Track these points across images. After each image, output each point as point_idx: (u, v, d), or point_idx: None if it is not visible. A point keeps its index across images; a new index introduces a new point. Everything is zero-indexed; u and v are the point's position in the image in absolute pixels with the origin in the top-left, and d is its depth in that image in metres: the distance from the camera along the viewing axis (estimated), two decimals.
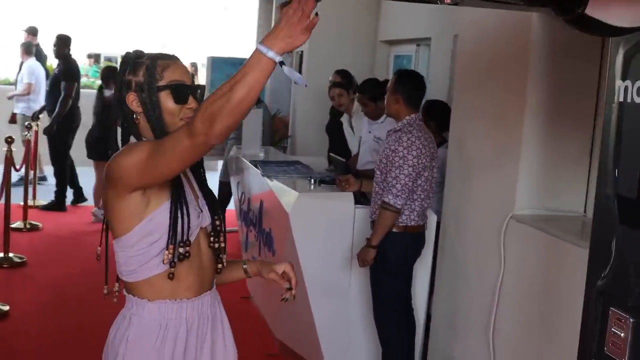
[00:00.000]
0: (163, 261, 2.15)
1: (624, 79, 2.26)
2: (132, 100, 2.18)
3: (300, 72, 8.53)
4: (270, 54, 1.82)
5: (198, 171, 2.32)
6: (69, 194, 9.02)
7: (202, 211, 2.24)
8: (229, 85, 1.84)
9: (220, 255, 2.31)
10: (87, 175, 8.89)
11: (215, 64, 8.34)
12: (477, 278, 4.07)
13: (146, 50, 2.26)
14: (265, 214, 5.04)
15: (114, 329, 2.26)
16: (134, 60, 2.21)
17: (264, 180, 5.01)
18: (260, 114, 6.67)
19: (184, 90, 2.18)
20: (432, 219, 4.48)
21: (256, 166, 5.35)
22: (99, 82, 15.01)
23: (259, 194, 5.31)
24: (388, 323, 4.26)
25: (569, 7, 1.87)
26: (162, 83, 2.16)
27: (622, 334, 2.18)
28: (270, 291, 4.96)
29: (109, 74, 8.11)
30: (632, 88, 2.22)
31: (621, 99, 2.27)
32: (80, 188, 9.13)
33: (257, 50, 1.83)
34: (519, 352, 3.66)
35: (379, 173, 4.23)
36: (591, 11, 1.85)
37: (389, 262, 4.16)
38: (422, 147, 4.10)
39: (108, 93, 7.92)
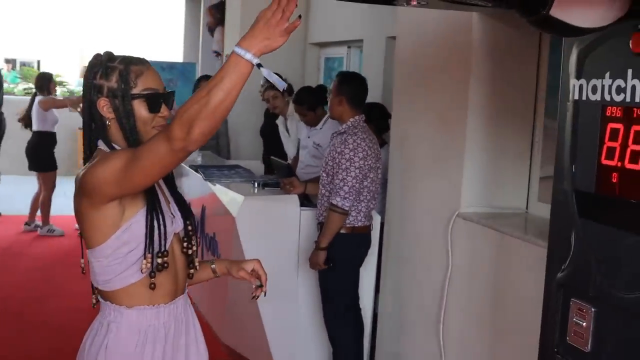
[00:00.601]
0: (141, 270, 2.13)
1: (578, 77, 2.35)
2: (104, 106, 2.14)
3: None
4: (248, 55, 1.80)
5: (168, 175, 2.29)
6: None
7: (174, 216, 2.23)
8: (207, 89, 1.82)
9: (193, 260, 2.30)
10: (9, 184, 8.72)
11: None
12: (424, 276, 4.14)
13: (68, 54, 2.20)
14: (208, 218, 5.02)
15: (90, 336, 2.23)
16: (105, 63, 2.16)
17: (206, 185, 4.98)
18: None
19: (158, 99, 2.16)
20: (377, 219, 4.54)
21: (197, 171, 5.32)
22: (19, 87, 14.67)
23: (200, 198, 5.27)
24: (338, 323, 4.30)
25: (534, 8, 1.93)
26: (136, 91, 2.13)
27: (584, 324, 2.26)
28: (214, 296, 4.94)
29: (43, 82, 8.17)
30: (587, 86, 2.31)
31: (576, 97, 2.35)
32: None
33: (233, 53, 1.82)
34: (468, 348, 3.74)
35: (325, 175, 4.26)
36: (555, 12, 1.91)
37: (338, 263, 4.20)
38: (367, 149, 4.15)
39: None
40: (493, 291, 3.56)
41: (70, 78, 16.83)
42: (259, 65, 1.83)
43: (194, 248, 2.30)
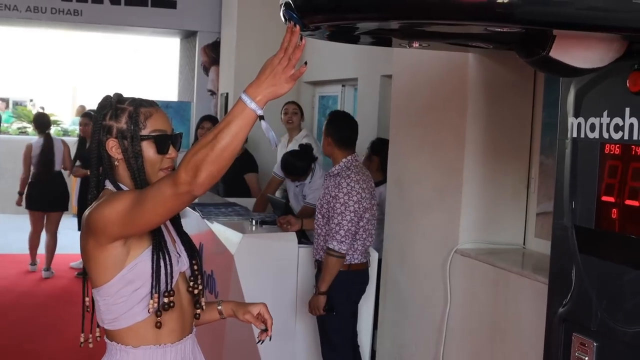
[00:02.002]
0: (148, 310, 2.13)
1: (576, 115, 2.41)
2: (112, 147, 2.16)
3: (226, 113, 8.55)
4: (252, 105, 1.85)
5: (174, 215, 2.31)
6: None
7: (180, 256, 2.23)
8: (213, 134, 1.86)
9: (199, 300, 2.30)
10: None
11: None
12: (423, 312, 4.16)
13: (60, 93, 2.23)
14: (206, 256, 5.03)
15: None
16: (115, 105, 2.18)
17: (203, 223, 5.01)
18: None
19: (166, 140, 2.18)
20: (374, 256, 4.56)
21: (194, 209, 5.34)
22: (13, 127, 14.68)
23: (198, 236, 5.29)
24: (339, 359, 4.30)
25: (534, 49, 1.99)
26: (145, 132, 2.15)
27: (587, 358, 2.29)
28: (213, 335, 4.93)
29: (44, 122, 8.33)
30: (585, 125, 2.37)
31: (575, 135, 2.41)
32: None
33: (240, 100, 1.86)
34: None
35: (320, 217, 4.27)
36: (555, 54, 1.97)
37: (335, 301, 4.21)
38: (361, 191, 4.16)
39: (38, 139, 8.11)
40: (492, 326, 3.58)
41: (64, 117, 16.86)
42: (261, 117, 1.88)
43: (200, 287, 2.30)
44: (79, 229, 7.19)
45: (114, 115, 2.17)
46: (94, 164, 2.21)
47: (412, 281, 4.28)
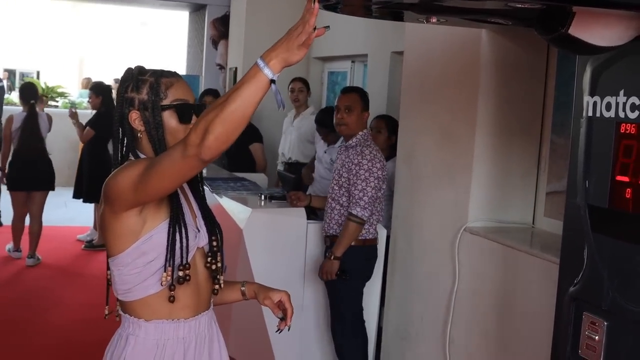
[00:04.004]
0: (161, 283, 2.12)
1: (592, 94, 2.38)
2: (135, 119, 2.16)
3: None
4: (266, 70, 1.81)
5: (197, 189, 2.30)
6: None
7: (199, 231, 2.20)
8: (225, 96, 1.83)
9: (217, 277, 2.27)
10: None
11: None
12: (430, 289, 4.17)
13: (68, 65, 2.22)
14: None
15: (110, 349, 2.24)
16: (136, 77, 2.18)
17: (212, 197, 5.01)
18: None
19: (188, 110, 2.17)
20: (382, 232, 4.57)
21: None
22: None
23: None
24: (346, 334, 4.32)
25: (553, 27, 1.97)
26: (166, 102, 2.15)
27: (597, 337, 2.29)
28: (219, 307, 4.95)
29: (30, 92, 7.73)
30: (601, 103, 2.34)
31: (590, 114, 2.39)
32: None
33: (255, 64, 1.83)
34: (474, 359, 3.76)
35: (337, 188, 4.29)
36: (574, 31, 1.96)
37: (350, 275, 4.23)
38: (382, 160, 4.24)
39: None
40: (499, 305, 3.59)
41: (71, 89, 16.84)
42: (273, 81, 1.83)
43: (219, 264, 2.26)
44: (74, 196, 7.08)
45: (135, 87, 2.16)
46: (117, 136, 2.20)
47: (421, 258, 4.29)
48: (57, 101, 14.65)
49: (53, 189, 7.74)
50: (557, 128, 3.81)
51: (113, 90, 9.34)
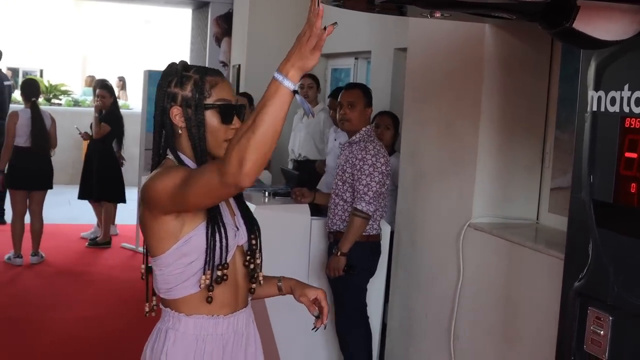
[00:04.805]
0: (200, 285, 2.13)
1: (596, 89, 2.38)
2: (176, 115, 2.15)
3: (237, 84, 8.54)
4: (286, 82, 1.80)
5: (223, 200, 2.25)
6: None
7: (238, 229, 2.21)
8: (252, 118, 1.82)
9: (255, 275, 2.28)
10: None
11: (152, 77, 8.23)
12: (434, 286, 4.17)
13: (70, 63, 2.21)
14: None
15: (150, 343, 2.25)
16: (181, 72, 2.17)
17: None
18: None
19: (231, 110, 2.16)
20: (386, 228, 4.56)
21: None
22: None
23: None
24: (350, 331, 4.32)
25: (558, 21, 1.97)
26: (209, 101, 2.13)
27: (602, 332, 2.29)
28: None
29: (33, 89, 7.63)
30: (606, 98, 2.34)
31: (594, 109, 2.39)
32: (4, 210, 8.91)
33: (273, 79, 1.82)
34: (480, 357, 3.76)
35: (340, 184, 4.29)
36: (578, 25, 1.95)
37: (356, 271, 4.24)
38: (386, 155, 4.24)
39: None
40: (504, 301, 3.58)
41: (74, 87, 16.86)
42: (295, 92, 1.83)
43: (257, 262, 2.28)
44: (80, 197, 7.07)
45: (179, 83, 2.15)
46: (156, 131, 2.20)
47: (425, 254, 4.28)
48: (60, 99, 14.65)
49: (51, 187, 7.66)
50: (561, 123, 3.80)
51: (115, 89, 9.37)
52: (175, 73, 2.17)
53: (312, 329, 2.41)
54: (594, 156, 2.38)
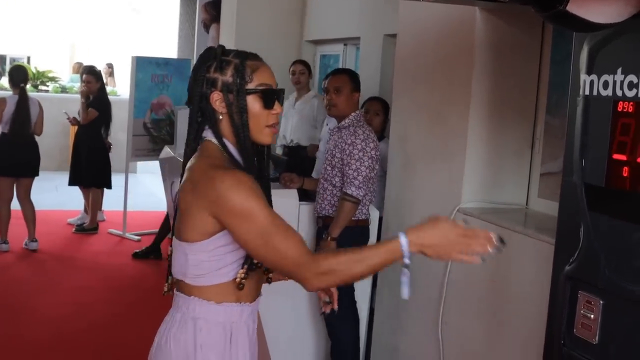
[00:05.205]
0: (236, 279, 2.12)
1: (589, 73, 2.37)
2: (216, 100, 2.11)
3: None
4: (406, 257, 1.94)
5: (264, 176, 2.27)
6: None
7: None
8: (361, 256, 1.96)
9: None
10: None
11: (140, 63, 8.19)
12: (423, 270, 4.14)
13: (58, 50, 2.17)
14: None
15: (171, 333, 2.17)
16: (220, 57, 2.13)
17: None
18: None
19: (272, 95, 2.13)
20: (375, 213, 4.55)
21: None
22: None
23: None
24: (338, 317, 4.30)
25: (550, 4, 1.95)
26: (251, 86, 2.11)
27: (592, 316, 2.28)
28: None
29: (19, 76, 7.56)
30: (598, 82, 2.33)
31: (587, 93, 2.38)
32: None
33: (398, 240, 1.94)
34: (468, 342, 3.76)
35: (329, 169, 4.28)
36: (572, 8, 1.93)
37: None
38: (375, 140, 4.24)
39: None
40: (493, 286, 3.58)
41: (62, 74, 16.74)
42: (406, 266, 1.94)
43: None
44: (70, 183, 7.04)
45: (219, 68, 2.11)
46: (194, 117, 2.16)
47: None
48: (47, 85, 14.55)
49: (38, 174, 7.63)
50: (552, 108, 3.79)
51: (104, 75, 9.31)
52: (214, 57, 2.13)
53: (321, 313, 2.46)
54: (586, 140, 2.37)
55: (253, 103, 2.12)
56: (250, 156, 2.14)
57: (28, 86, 7.75)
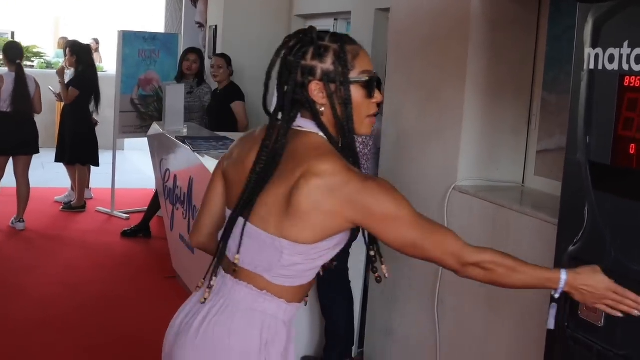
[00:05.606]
0: (320, 273, 2.06)
1: (594, 46, 2.29)
2: (315, 90, 1.94)
3: (214, 46, 8.37)
4: (559, 290, 2.01)
5: None
6: None
7: None
8: (521, 268, 2.02)
9: None
10: None
11: (127, 38, 8.04)
12: None
13: (43, 25, 2.03)
14: (197, 190, 4.93)
15: (225, 327, 2.00)
16: (316, 41, 1.94)
17: (194, 157, 4.89)
18: (182, 89, 6.53)
19: (374, 83, 1.98)
20: None
21: (184, 142, 5.21)
22: None
23: (187, 170, 5.18)
24: (332, 297, 4.26)
25: None
26: (353, 74, 1.95)
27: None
28: (200, 268, 4.87)
29: (15, 51, 7.43)
30: (603, 56, 2.25)
31: (592, 67, 2.30)
32: None
33: (559, 276, 2.00)
34: (464, 322, 3.71)
35: None
36: None
37: None
38: None
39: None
40: None
41: (47, 49, 16.53)
42: (555, 300, 2.12)
43: None
44: (57, 160, 6.99)
45: (317, 54, 1.93)
46: (287, 107, 1.97)
47: None
48: (32, 61, 14.36)
49: (38, 152, 7.55)
50: (548, 84, 3.72)
51: (92, 50, 9.15)
52: (311, 42, 1.95)
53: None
54: (591, 116, 2.30)
55: (355, 93, 1.95)
56: (355, 150, 2.03)
57: None
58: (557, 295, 2.02)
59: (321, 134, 1.98)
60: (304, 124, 1.99)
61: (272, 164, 1.95)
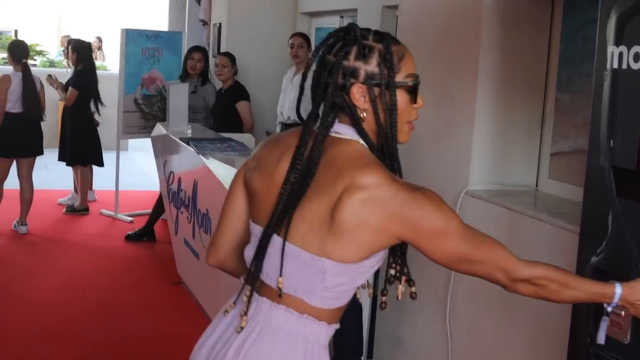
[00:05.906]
0: (355, 294, 1.94)
1: (617, 44, 2.16)
2: (357, 93, 1.80)
3: (219, 44, 8.26)
4: (614, 302, 1.92)
5: None
6: None
7: None
8: (574, 283, 1.90)
9: None
10: None
11: (130, 36, 7.92)
12: None
13: (46, 23, 1.88)
14: (201, 194, 4.82)
15: (261, 350, 1.84)
16: (360, 40, 1.79)
17: (198, 159, 4.77)
18: (185, 89, 6.41)
19: (418, 88, 1.85)
20: None
21: (188, 144, 5.10)
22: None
23: (192, 173, 5.07)
24: None
25: None
26: (399, 77, 1.81)
27: (623, 313, 2.09)
28: (207, 278, 4.76)
29: (21, 50, 7.32)
30: (628, 54, 2.12)
31: (615, 66, 2.17)
32: None
33: (614, 290, 1.90)
34: (476, 330, 3.59)
35: None
36: None
37: None
38: None
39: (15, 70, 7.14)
40: None
41: (50, 47, 16.44)
42: (607, 314, 2.00)
43: None
44: (60, 159, 6.89)
45: (361, 55, 1.79)
46: (326, 112, 1.82)
47: None
48: (35, 60, 14.27)
49: (42, 153, 7.41)
50: (562, 84, 3.59)
51: (94, 49, 9.05)
52: (354, 41, 1.79)
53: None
54: (614, 118, 2.17)
55: (399, 97, 1.81)
56: (398, 159, 1.90)
57: None
58: (610, 309, 1.96)
59: (362, 141, 1.84)
60: (342, 130, 1.84)
61: (308, 174, 1.79)
